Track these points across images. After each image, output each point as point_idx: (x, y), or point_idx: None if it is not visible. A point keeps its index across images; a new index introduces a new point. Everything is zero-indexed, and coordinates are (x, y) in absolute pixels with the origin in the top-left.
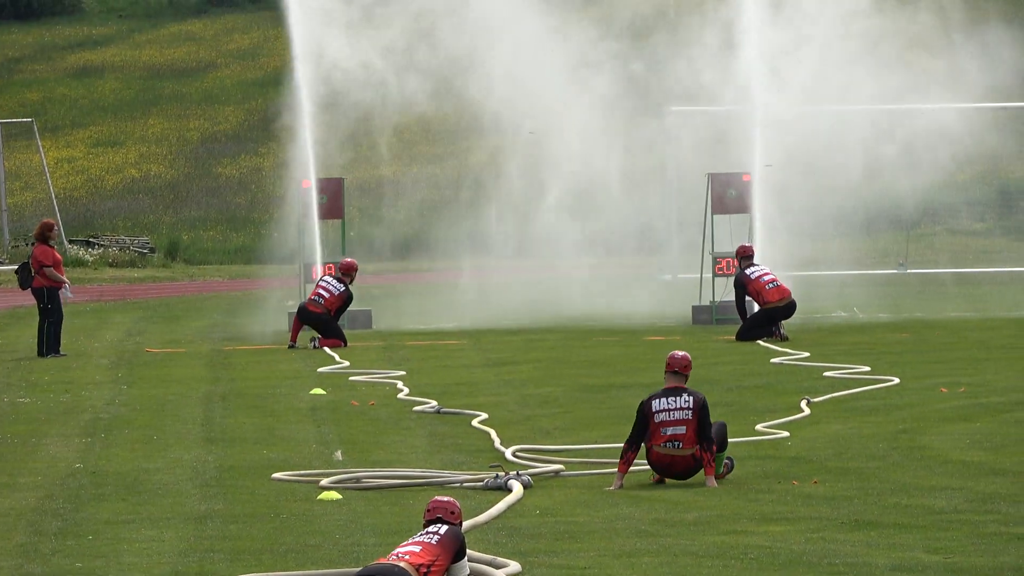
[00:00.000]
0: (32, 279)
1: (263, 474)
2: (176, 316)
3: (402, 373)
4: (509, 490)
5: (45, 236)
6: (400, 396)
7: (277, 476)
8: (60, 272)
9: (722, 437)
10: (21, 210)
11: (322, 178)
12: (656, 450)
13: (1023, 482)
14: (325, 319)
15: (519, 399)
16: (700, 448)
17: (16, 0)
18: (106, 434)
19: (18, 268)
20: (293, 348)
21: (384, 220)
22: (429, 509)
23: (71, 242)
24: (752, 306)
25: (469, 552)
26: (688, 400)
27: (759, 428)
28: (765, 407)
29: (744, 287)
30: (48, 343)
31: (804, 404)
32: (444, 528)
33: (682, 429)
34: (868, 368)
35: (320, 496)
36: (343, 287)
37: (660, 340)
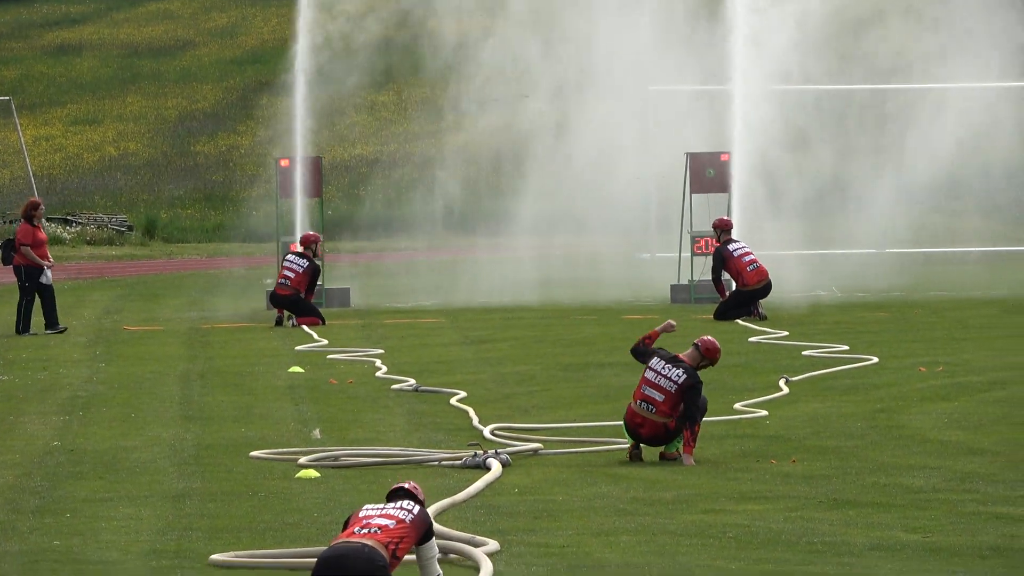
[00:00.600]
0: (13, 257)
1: (241, 452)
2: (154, 294)
3: (380, 351)
4: (487, 469)
5: (29, 215)
6: (378, 374)
7: (255, 454)
8: (44, 252)
9: (701, 410)
10: None
11: (301, 156)
12: (631, 406)
13: (1001, 461)
14: (296, 299)
15: (497, 377)
16: (681, 424)
17: None
18: (84, 412)
19: (2, 244)
20: (280, 325)
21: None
22: (393, 490)
23: (49, 220)
24: (730, 283)
25: (447, 531)
26: (680, 376)
27: (737, 407)
28: (743, 386)
29: (724, 262)
30: (23, 321)
31: (782, 383)
32: (417, 508)
33: (659, 396)
34: (847, 347)
35: (298, 474)
36: (306, 262)
37: (638, 319)
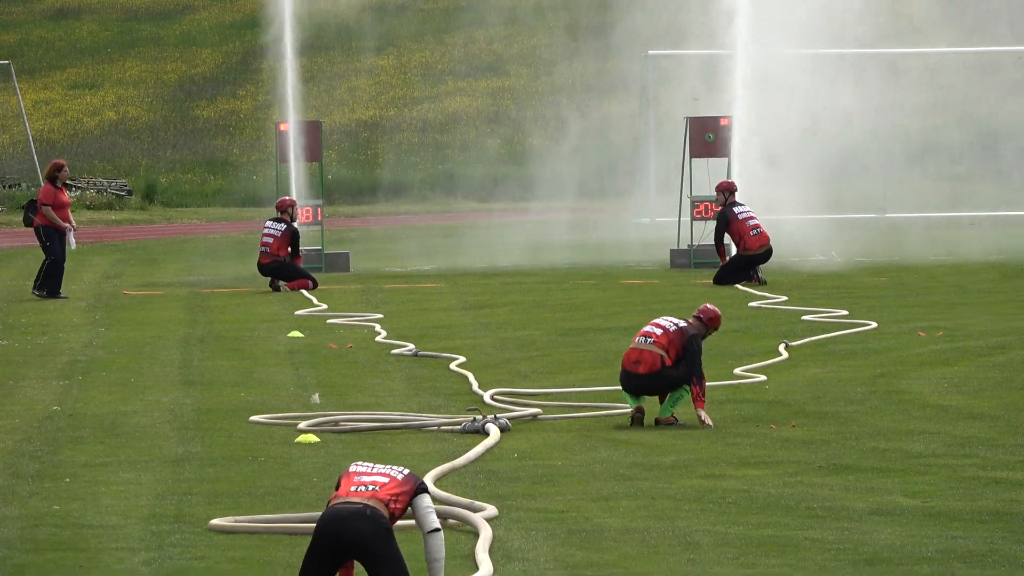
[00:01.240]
0: (33, 218)
1: (241, 417)
2: (154, 259)
3: (379, 316)
4: (486, 434)
5: (52, 176)
6: (378, 339)
7: (255, 419)
8: (66, 215)
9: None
10: None
11: (299, 121)
12: (631, 346)
13: (1000, 426)
14: (279, 265)
15: (497, 342)
16: (686, 378)
17: None
18: (83, 376)
19: (25, 204)
20: (277, 290)
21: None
22: None
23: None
24: (730, 248)
25: (447, 496)
26: (682, 323)
27: (737, 372)
28: (743, 351)
29: (728, 224)
30: (41, 281)
31: (782, 348)
32: (407, 470)
33: (658, 331)
34: (846, 312)
35: (298, 439)
36: (283, 225)
37: (638, 284)
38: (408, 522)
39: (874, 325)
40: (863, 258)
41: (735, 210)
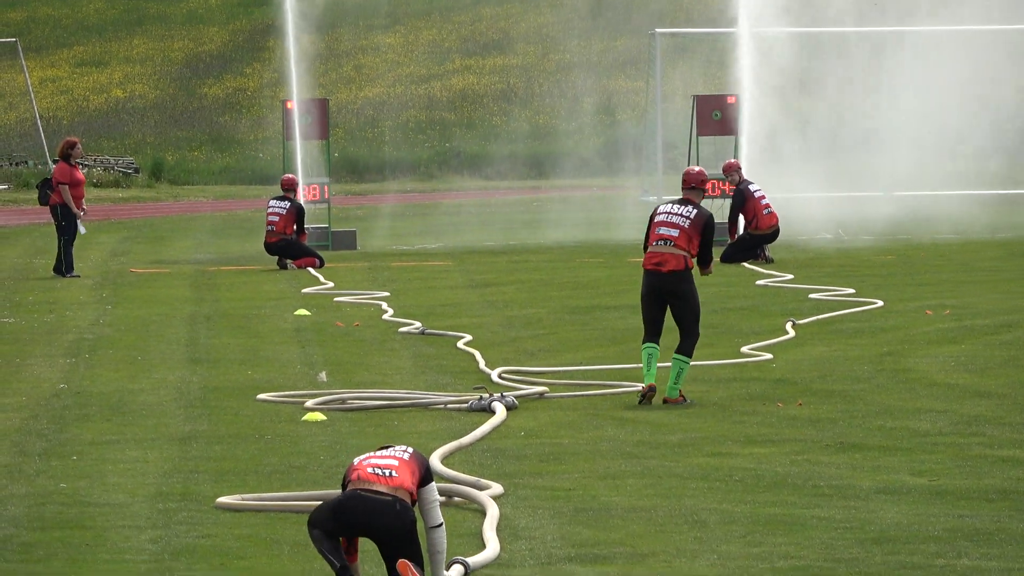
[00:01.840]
0: (49, 196)
1: (247, 395)
2: (160, 237)
3: (386, 294)
4: (493, 412)
5: (66, 153)
6: (385, 317)
7: (262, 397)
8: (81, 192)
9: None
10: (5, 130)
11: (306, 99)
12: (650, 251)
13: (1007, 404)
14: (286, 243)
15: (503, 320)
16: (699, 262)
17: None
18: (90, 354)
19: (40, 183)
20: (284, 268)
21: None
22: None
23: (55, 162)
24: (739, 224)
25: (453, 474)
26: (692, 211)
27: (744, 350)
28: (750, 329)
29: (744, 201)
30: (66, 262)
31: (789, 326)
32: (411, 449)
33: (675, 232)
34: (853, 290)
35: (305, 417)
36: (288, 203)
37: None
38: None
39: (880, 304)
40: (870, 236)
41: (751, 188)
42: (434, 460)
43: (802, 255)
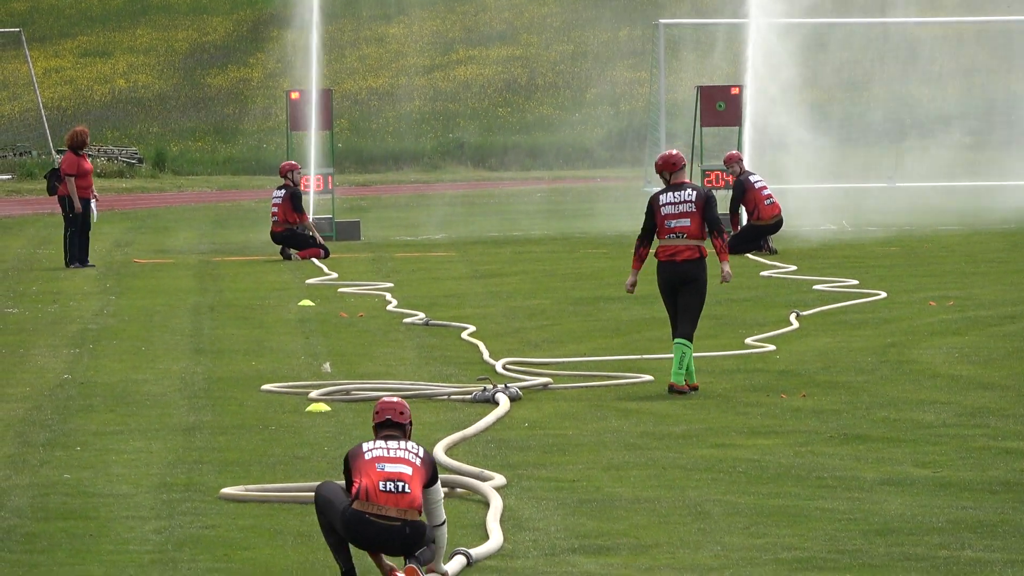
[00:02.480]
0: (57, 187)
1: (252, 385)
2: (164, 227)
3: (390, 285)
4: (497, 403)
5: (72, 144)
6: (389, 308)
7: (266, 388)
8: (89, 181)
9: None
10: (9, 120)
11: (307, 89)
12: (662, 243)
13: (1011, 396)
14: (291, 233)
15: (507, 311)
16: (712, 235)
17: None
18: (94, 345)
19: (48, 174)
20: (288, 258)
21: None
22: (376, 412)
23: (59, 152)
24: (741, 217)
25: (458, 465)
26: (691, 194)
27: (748, 341)
28: (754, 320)
29: (744, 193)
30: (71, 253)
31: (793, 318)
32: (421, 451)
33: (686, 222)
34: (856, 281)
35: (309, 408)
36: (284, 190)
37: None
38: None
39: (883, 295)
40: (874, 227)
41: (751, 179)
42: (438, 451)
43: (806, 246)
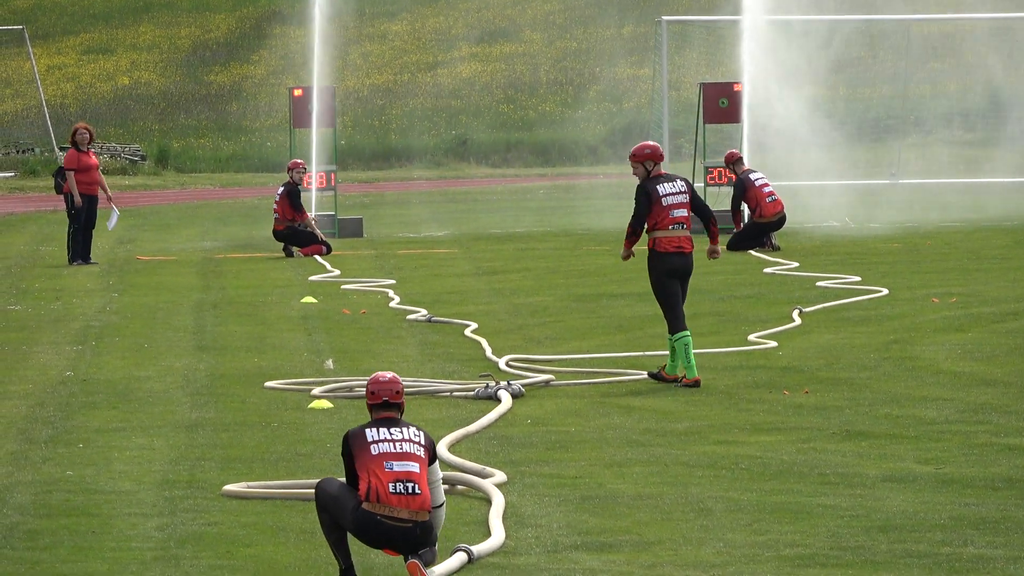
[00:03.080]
0: (63, 184)
1: (254, 383)
2: (167, 224)
3: (393, 282)
4: (499, 400)
5: (73, 140)
6: (391, 305)
7: (269, 385)
8: (94, 177)
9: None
10: (12, 118)
11: (310, 86)
12: (666, 234)
13: (1014, 392)
14: (292, 231)
15: (510, 308)
16: (708, 220)
17: None
18: (97, 342)
19: (56, 171)
20: (291, 256)
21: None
22: (372, 392)
23: (61, 149)
24: (744, 214)
25: (459, 460)
26: (682, 184)
27: (750, 338)
28: (756, 317)
29: (745, 190)
30: (74, 250)
31: (795, 314)
32: (421, 435)
33: (685, 212)
34: (859, 278)
35: (311, 405)
36: (283, 187)
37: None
38: None
39: (885, 292)
40: (876, 224)
41: (751, 177)
42: (441, 448)
43: (809, 243)
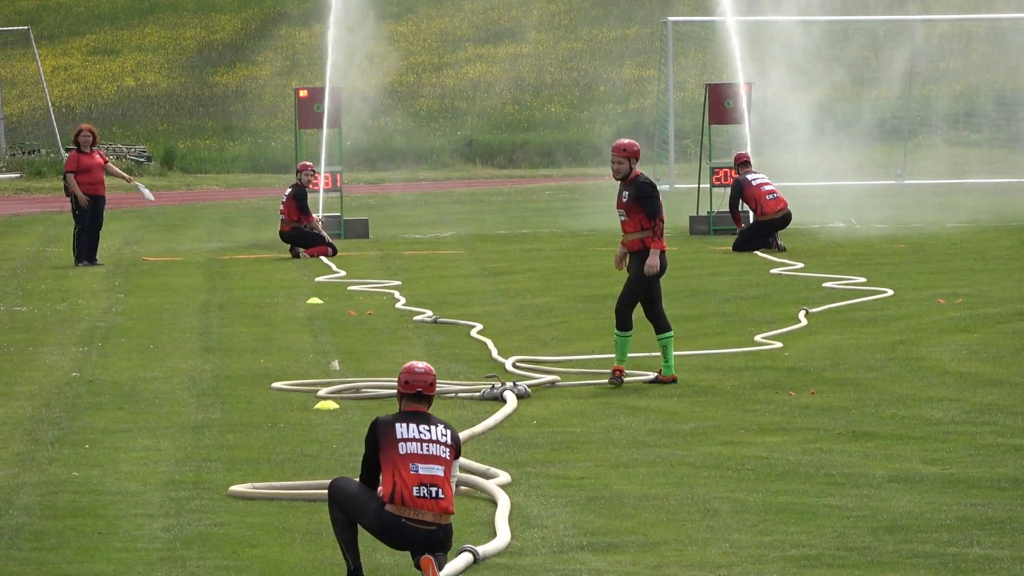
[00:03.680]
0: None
1: (260, 383)
2: (173, 225)
3: (398, 283)
4: (505, 401)
5: (76, 141)
6: (397, 306)
7: (275, 385)
8: (99, 177)
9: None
10: (18, 119)
11: (316, 87)
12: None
13: (1020, 393)
14: (298, 233)
15: (516, 309)
16: (650, 226)
17: None
18: (103, 343)
19: (64, 174)
20: (297, 257)
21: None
22: (406, 382)
23: (67, 150)
24: (747, 215)
25: (464, 461)
26: (627, 195)
27: (756, 339)
28: (762, 318)
29: (741, 191)
30: (79, 251)
31: (802, 315)
32: (448, 434)
33: (623, 215)
34: (864, 279)
35: (317, 406)
36: (290, 188)
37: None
38: None
39: (891, 292)
40: (882, 224)
41: (748, 177)
42: None
43: (814, 244)
